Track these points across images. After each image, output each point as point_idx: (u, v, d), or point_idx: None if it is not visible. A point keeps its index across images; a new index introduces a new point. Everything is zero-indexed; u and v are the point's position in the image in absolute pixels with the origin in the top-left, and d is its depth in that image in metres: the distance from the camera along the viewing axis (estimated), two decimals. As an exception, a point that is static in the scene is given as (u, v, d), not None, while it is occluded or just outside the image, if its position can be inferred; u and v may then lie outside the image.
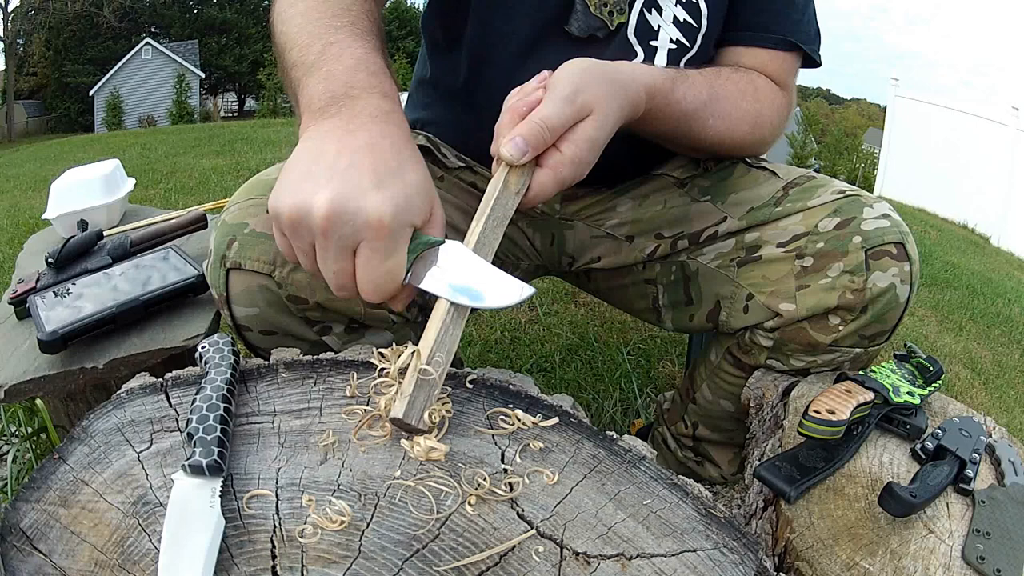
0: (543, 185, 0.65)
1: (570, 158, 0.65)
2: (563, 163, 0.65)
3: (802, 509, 0.67)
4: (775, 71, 0.92)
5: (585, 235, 1.03)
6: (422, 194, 0.59)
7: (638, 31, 0.89)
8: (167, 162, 4.75)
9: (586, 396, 1.56)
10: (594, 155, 0.67)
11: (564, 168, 0.65)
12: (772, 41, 0.92)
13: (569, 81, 0.66)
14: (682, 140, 0.86)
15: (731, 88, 0.86)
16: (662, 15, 0.88)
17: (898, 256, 0.82)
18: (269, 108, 22.52)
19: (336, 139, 0.59)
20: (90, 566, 0.49)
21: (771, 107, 0.90)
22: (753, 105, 0.88)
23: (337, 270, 0.58)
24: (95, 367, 0.85)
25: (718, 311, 0.96)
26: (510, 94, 0.71)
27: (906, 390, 0.79)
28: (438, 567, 0.49)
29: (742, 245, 0.92)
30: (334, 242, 0.56)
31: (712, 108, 0.83)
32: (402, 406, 0.56)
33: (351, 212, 0.55)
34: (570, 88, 0.65)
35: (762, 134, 0.91)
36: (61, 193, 1.34)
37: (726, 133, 0.87)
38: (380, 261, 0.56)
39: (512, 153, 0.62)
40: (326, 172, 0.56)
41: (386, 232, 0.55)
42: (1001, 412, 2.00)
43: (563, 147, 0.65)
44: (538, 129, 0.63)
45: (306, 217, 0.56)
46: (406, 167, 0.59)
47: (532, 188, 0.65)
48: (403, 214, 0.56)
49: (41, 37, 23.84)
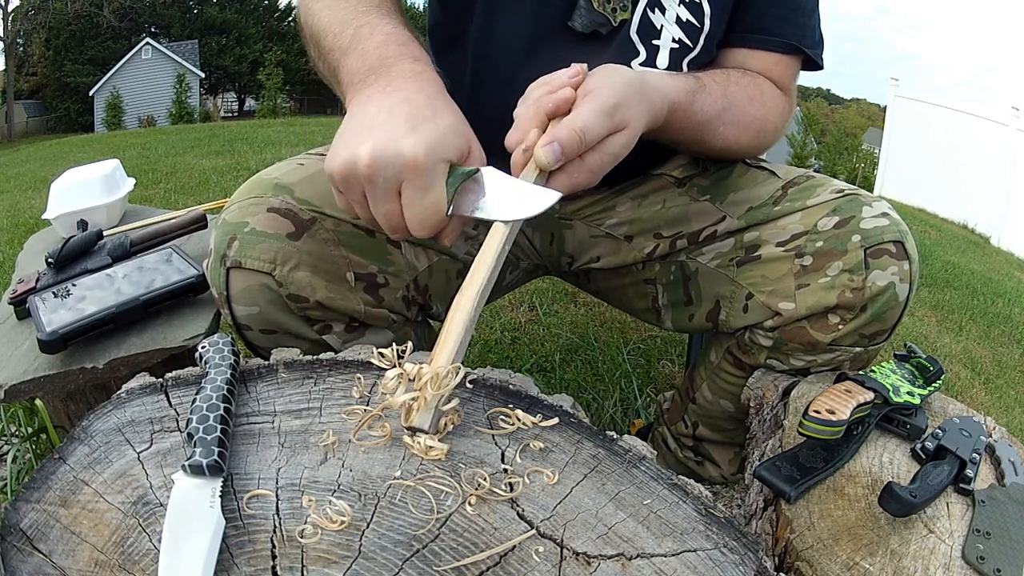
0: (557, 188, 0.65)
1: (588, 167, 0.65)
2: (581, 171, 0.65)
3: (802, 509, 0.67)
4: (779, 75, 0.93)
5: (584, 235, 1.03)
6: (455, 133, 0.63)
7: (640, 30, 0.89)
8: (167, 162, 4.74)
9: (586, 396, 1.56)
10: (615, 162, 0.68)
11: (581, 176, 0.65)
12: (778, 45, 0.92)
13: (612, 94, 0.66)
14: (692, 147, 0.87)
15: (741, 95, 0.87)
16: (665, 15, 0.88)
17: (897, 255, 0.82)
18: (269, 108, 22.53)
19: (376, 101, 0.65)
20: (90, 566, 0.49)
21: (775, 112, 0.91)
22: (760, 111, 0.88)
23: (386, 212, 0.63)
24: (95, 367, 0.85)
25: (718, 311, 0.96)
26: (534, 83, 0.71)
27: (906, 390, 0.79)
28: (438, 567, 0.49)
29: (741, 245, 0.92)
30: (379, 186, 0.62)
31: (724, 116, 0.84)
32: (427, 418, 0.57)
33: (390, 156, 0.60)
34: (612, 101, 0.66)
35: (766, 139, 0.92)
36: (61, 193, 1.34)
37: (733, 140, 0.88)
38: (421, 197, 0.61)
39: (548, 159, 0.63)
40: (367, 128, 0.62)
41: (421, 169, 0.60)
42: (1001, 412, 2.00)
43: (587, 156, 0.65)
44: (577, 140, 0.63)
45: (353, 169, 0.62)
46: (440, 113, 0.64)
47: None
48: (436, 151, 0.61)
49: (41, 37, 23.83)
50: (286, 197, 0.80)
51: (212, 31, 25.97)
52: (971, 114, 8.75)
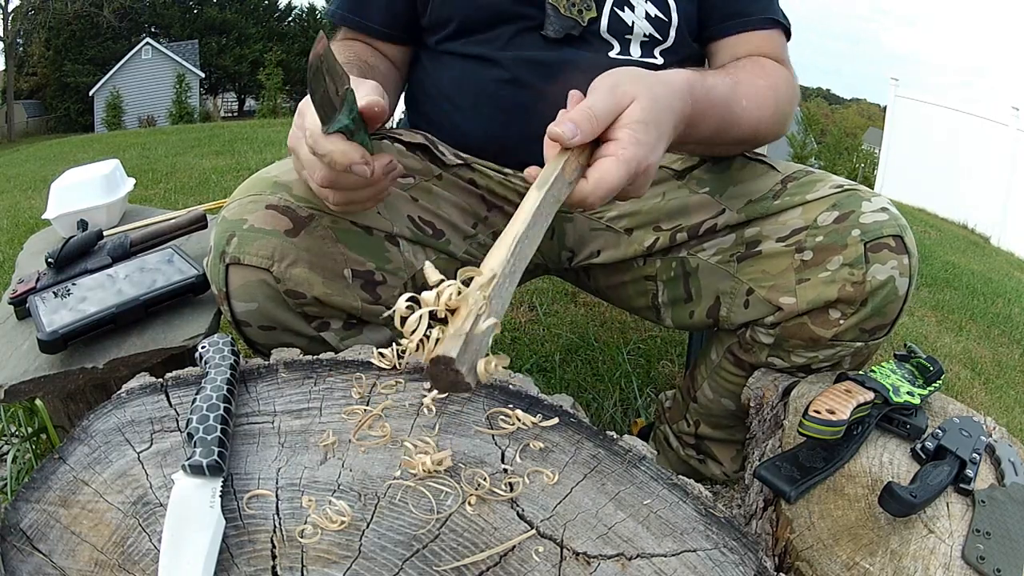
0: (607, 170, 0.63)
1: (627, 140, 0.64)
2: (622, 146, 0.64)
3: (802, 509, 0.67)
4: (770, 50, 0.95)
5: (584, 228, 1.03)
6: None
7: (611, 29, 0.94)
8: (167, 162, 4.74)
9: (586, 396, 1.56)
10: (652, 136, 0.65)
11: (626, 149, 0.63)
12: (756, 23, 0.95)
13: (605, 79, 0.68)
14: (726, 134, 0.85)
15: (744, 74, 0.88)
16: (635, 11, 0.93)
17: (897, 249, 0.82)
18: (269, 108, 22.51)
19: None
20: (90, 566, 0.49)
21: (783, 81, 0.92)
22: (768, 80, 0.89)
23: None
24: (95, 367, 0.85)
25: (718, 307, 0.96)
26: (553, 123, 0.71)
27: (906, 390, 0.79)
28: (438, 567, 0.49)
29: (742, 240, 0.92)
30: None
31: (739, 91, 0.84)
32: (456, 345, 0.43)
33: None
34: (607, 82, 0.67)
35: (783, 112, 0.91)
36: (61, 193, 1.34)
37: (757, 114, 0.86)
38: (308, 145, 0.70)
39: (564, 130, 0.62)
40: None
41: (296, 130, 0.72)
42: (1001, 412, 2.00)
43: (616, 133, 0.64)
44: (586, 113, 0.63)
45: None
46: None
47: (596, 175, 0.63)
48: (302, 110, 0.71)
49: (41, 37, 23.82)
50: (284, 195, 0.80)
51: (212, 31, 25.97)
52: (971, 114, 8.74)
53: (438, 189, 0.96)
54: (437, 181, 0.97)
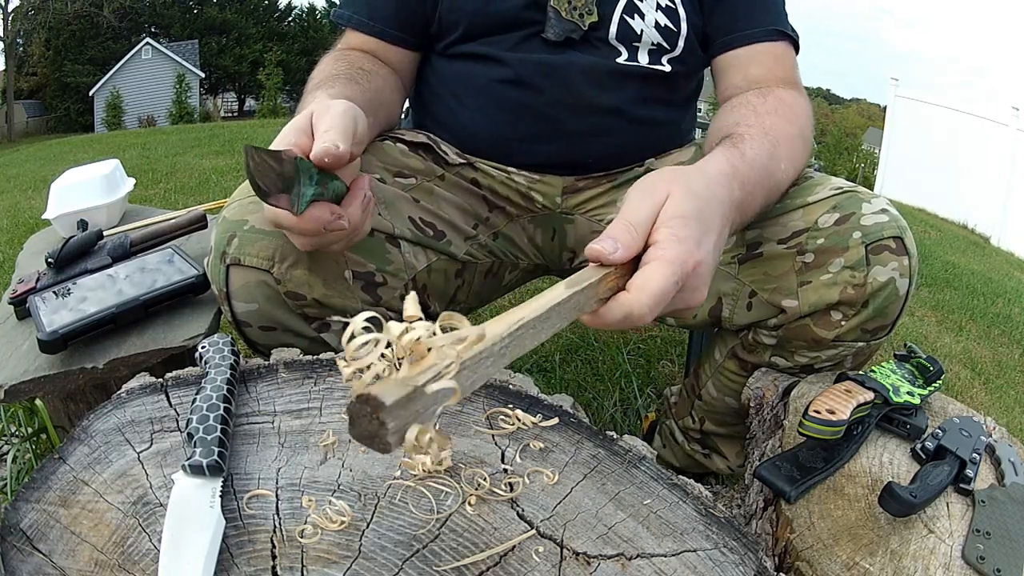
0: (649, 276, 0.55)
1: (666, 239, 0.57)
2: (662, 247, 0.57)
3: (802, 509, 0.67)
4: (782, 71, 0.94)
5: (586, 229, 1.03)
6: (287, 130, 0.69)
7: (620, 35, 0.93)
8: (167, 162, 4.74)
9: (586, 396, 1.56)
10: (695, 230, 0.59)
11: (666, 250, 0.56)
12: (762, 34, 0.94)
13: (636, 185, 0.63)
14: (769, 203, 0.83)
15: (777, 128, 0.83)
16: (644, 20, 0.93)
17: (897, 250, 0.82)
18: (269, 108, 22.53)
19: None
20: (90, 566, 0.49)
21: (805, 117, 0.89)
22: (796, 127, 0.86)
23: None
24: (95, 367, 0.85)
25: (720, 307, 0.96)
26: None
27: (906, 390, 0.79)
28: (438, 567, 0.49)
29: (743, 242, 0.92)
30: None
31: (778, 153, 0.81)
32: (396, 393, 0.36)
33: None
34: (639, 187, 0.62)
35: (810, 151, 0.90)
36: (61, 193, 1.34)
37: (793, 172, 0.85)
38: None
39: (603, 246, 0.56)
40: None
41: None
42: (1001, 412, 2.00)
43: (655, 236, 0.58)
44: (623, 224, 0.58)
45: None
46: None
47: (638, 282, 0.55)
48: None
49: (41, 37, 23.83)
50: None
51: (212, 31, 25.97)
52: (971, 114, 8.74)
53: (439, 190, 0.96)
54: (439, 181, 0.97)
